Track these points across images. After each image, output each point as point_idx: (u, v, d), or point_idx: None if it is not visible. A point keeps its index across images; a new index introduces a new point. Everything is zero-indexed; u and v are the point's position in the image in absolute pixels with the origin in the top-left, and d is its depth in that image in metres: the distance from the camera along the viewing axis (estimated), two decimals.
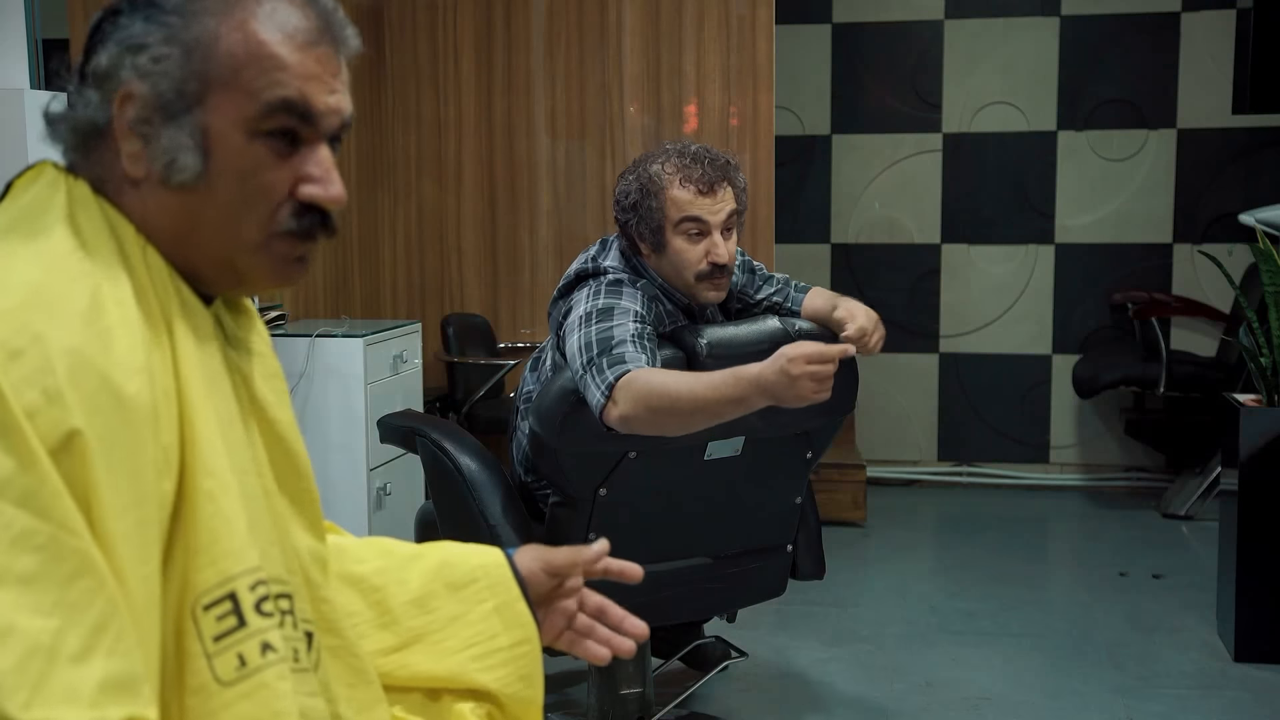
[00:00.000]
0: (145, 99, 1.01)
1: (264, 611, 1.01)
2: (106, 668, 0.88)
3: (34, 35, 3.09)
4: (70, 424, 0.90)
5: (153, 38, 1.01)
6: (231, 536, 1.00)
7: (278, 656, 1.00)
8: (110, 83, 1.01)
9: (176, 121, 1.01)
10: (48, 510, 0.88)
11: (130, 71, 1.01)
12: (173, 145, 1.01)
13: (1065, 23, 5.46)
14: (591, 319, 2.37)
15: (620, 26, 4.82)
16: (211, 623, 0.98)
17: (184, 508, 0.99)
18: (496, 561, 1.31)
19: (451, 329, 4.77)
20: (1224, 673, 3.38)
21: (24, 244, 0.98)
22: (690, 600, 2.64)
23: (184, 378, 1.01)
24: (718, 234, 2.46)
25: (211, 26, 1.02)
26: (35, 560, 0.87)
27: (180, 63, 1.01)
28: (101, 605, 0.89)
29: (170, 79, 1.01)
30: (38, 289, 0.94)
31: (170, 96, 1.01)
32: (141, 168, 1.02)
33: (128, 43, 1.01)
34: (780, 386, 2.09)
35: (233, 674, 0.98)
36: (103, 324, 0.95)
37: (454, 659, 1.28)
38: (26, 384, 0.89)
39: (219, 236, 1.04)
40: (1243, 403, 3.53)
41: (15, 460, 0.88)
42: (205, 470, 0.99)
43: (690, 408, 2.19)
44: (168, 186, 1.02)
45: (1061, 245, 5.53)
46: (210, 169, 1.02)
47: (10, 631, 0.84)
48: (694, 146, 2.51)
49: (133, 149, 1.02)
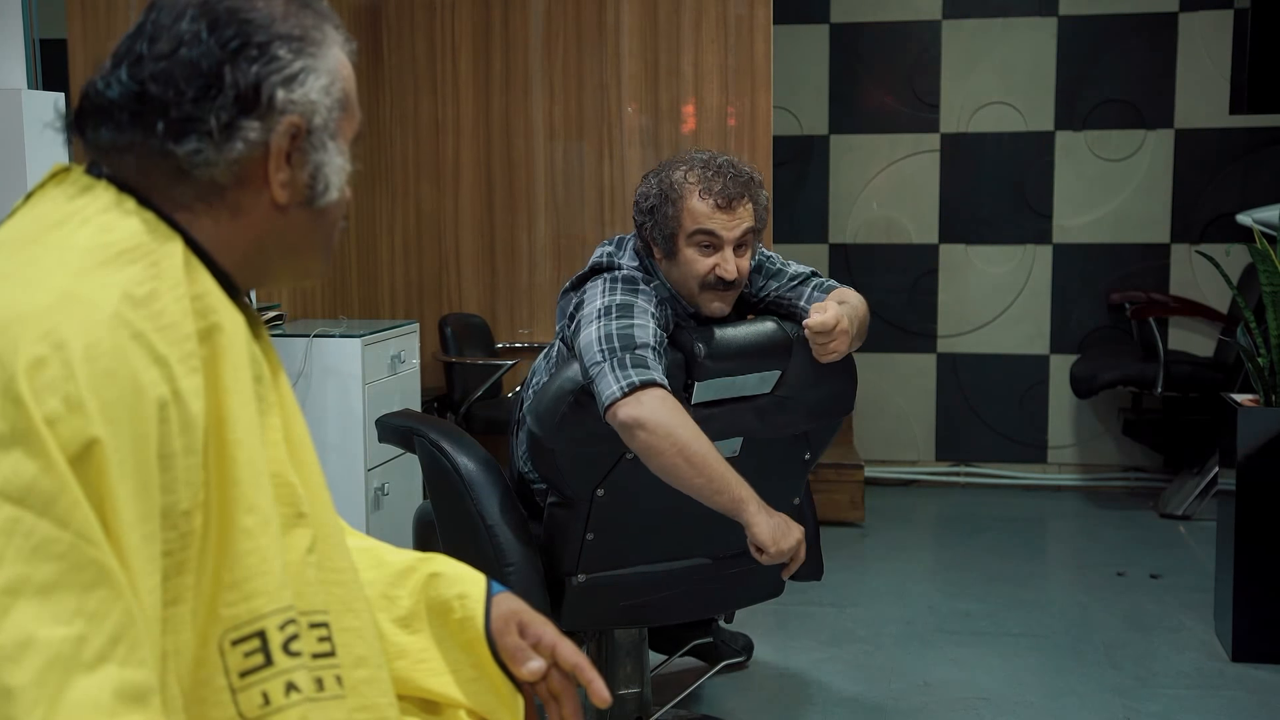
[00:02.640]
0: (309, 127, 1.07)
1: (291, 651, 1.02)
2: (123, 677, 0.88)
3: (32, 35, 3.09)
4: (90, 433, 0.90)
5: (318, 68, 1.07)
6: (266, 576, 1.01)
7: (301, 697, 1.02)
8: (280, 114, 1.05)
9: (334, 145, 1.09)
10: (67, 519, 0.88)
11: (305, 103, 1.06)
12: (329, 168, 1.09)
13: (1063, 23, 5.46)
14: (611, 313, 2.34)
15: (618, 26, 4.82)
16: (239, 658, 1.00)
17: (220, 541, 0.99)
18: (475, 595, 1.31)
19: (449, 329, 4.77)
20: (1222, 672, 3.38)
21: (53, 248, 0.98)
22: (689, 601, 2.64)
23: (226, 403, 1.01)
24: (729, 250, 2.43)
25: (335, 55, 1.10)
26: (55, 569, 0.87)
27: (327, 90, 1.08)
28: (119, 615, 0.89)
29: (328, 106, 1.08)
30: (65, 293, 0.94)
31: (324, 123, 1.08)
32: (288, 194, 1.07)
33: (284, 73, 1.05)
34: (767, 532, 2.24)
35: (256, 711, 1.00)
36: (127, 333, 0.94)
37: (438, 679, 1.30)
38: (48, 391, 0.89)
39: (323, 246, 1.14)
40: (1240, 403, 3.53)
41: (36, 467, 0.87)
42: (246, 506, 1.00)
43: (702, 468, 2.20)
44: (312, 207, 1.09)
45: (1059, 245, 5.54)
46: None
47: (29, 644, 0.84)
48: (720, 158, 2.47)
49: (284, 177, 1.07)
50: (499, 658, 1.29)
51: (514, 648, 1.29)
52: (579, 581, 2.50)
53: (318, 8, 1.10)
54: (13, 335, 0.90)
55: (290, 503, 1.08)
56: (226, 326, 1.03)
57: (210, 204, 1.06)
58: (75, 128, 1.06)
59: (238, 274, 1.08)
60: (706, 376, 2.41)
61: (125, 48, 1.06)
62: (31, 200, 1.05)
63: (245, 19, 1.04)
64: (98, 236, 0.99)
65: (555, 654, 1.30)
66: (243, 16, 1.05)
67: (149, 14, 1.06)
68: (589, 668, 1.29)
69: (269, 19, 1.05)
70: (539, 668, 1.28)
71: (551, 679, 1.30)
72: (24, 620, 0.85)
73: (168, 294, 0.99)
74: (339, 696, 1.07)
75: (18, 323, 0.91)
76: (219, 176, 1.05)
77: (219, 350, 1.02)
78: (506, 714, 1.30)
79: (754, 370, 2.46)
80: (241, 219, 1.07)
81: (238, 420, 1.01)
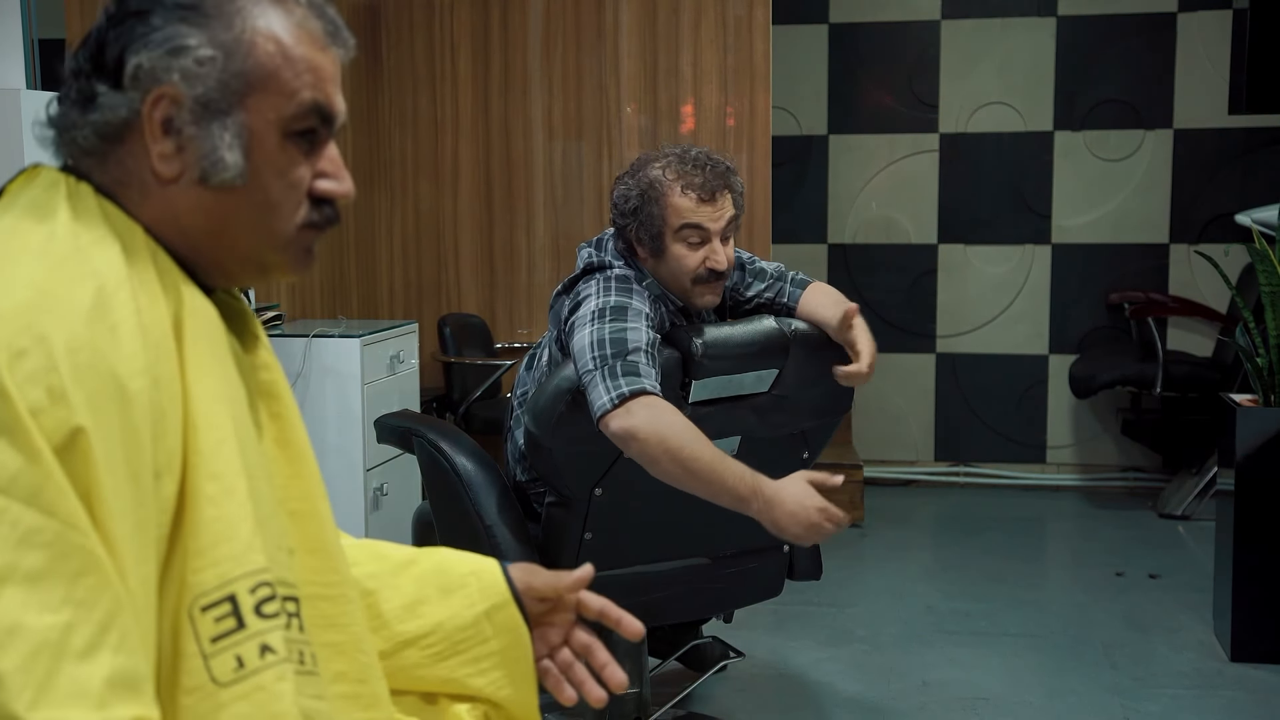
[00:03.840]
0: (184, 100, 1.03)
1: (264, 614, 1.00)
2: (113, 665, 0.87)
3: (30, 35, 3.09)
4: (74, 422, 0.90)
5: (194, 39, 1.03)
6: (233, 540, 0.99)
7: (277, 658, 0.99)
8: (147, 84, 1.02)
9: (219, 122, 1.04)
10: (54, 507, 0.88)
11: (173, 73, 1.02)
12: (215, 145, 1.04)
13: (1062, 23, 5.46)
14: (604, 316, 2.34)
15: (617, 26, 4.82)
16: (209, 624, 0.98)
17: (185, 511, 0.99)
18: (489, 568, 1.32)
19: (448, 329, 4.77)
20: (1220, 672, 3.38)
21: (26, 245, 0.98)
22: (687, 601, 2.64)
23: (191, 380, 1.01)
24: (717, 241, 2.44)
25: (249, 28, 1.04)
26: (42, 557, 0.87)
27: (223, 64, 1.03)
28: (107, 603, 0.89)
29: (213, 80, 1.03)
30: (41, 289, 0.94)
31: (213, 97, 1.03)
32: (174, 168, 1.04)
33: (168, 44, 1.02)
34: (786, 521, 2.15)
35: (230, 675, 0.97)
36: (106, 324, 0.95)
37: (445, 664, 1.28)
38: (31, 382, 0.89)
39: (254, 232, 1.08)
40: (1239, 403, 3.53)
41: (21, 457, 0.87)
42: (209, 474, 0.99)
43: (699, 471, 2.18)
44: (206, 186, 1.05)
45: (1058, 245, 5.54)
46: (250, 168, 1.05)
47: (17, 630, 0.84)
48: (694, 150, 2.48)
49: (164, 149, 1.04)
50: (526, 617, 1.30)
51: (546, 578, 1.31)
52: None
53: None
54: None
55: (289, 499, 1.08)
56: (186, 300, 1.03)
57: (126, 183, 1.05)
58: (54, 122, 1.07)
59: (190, 258, 1.07)
60: (704, 375, 2.41)
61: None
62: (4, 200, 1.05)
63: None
64: (67, 228, 1.00)
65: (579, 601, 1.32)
66: None
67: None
68: (615, 607, 1.31)
69: None
70: (588, 571, 1.31)
71: (575, 634, 1.33)
72: (11, 608, 0.85)
73: (139, 280, 1.00)
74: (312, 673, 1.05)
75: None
76: (83, 141, 1.04)
77: (181, 324, 1.02)
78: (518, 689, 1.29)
79: (752, 369, 2.46)
80: (155, 197, 1.05)
81: (201, 390, 1.01)
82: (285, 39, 1.05)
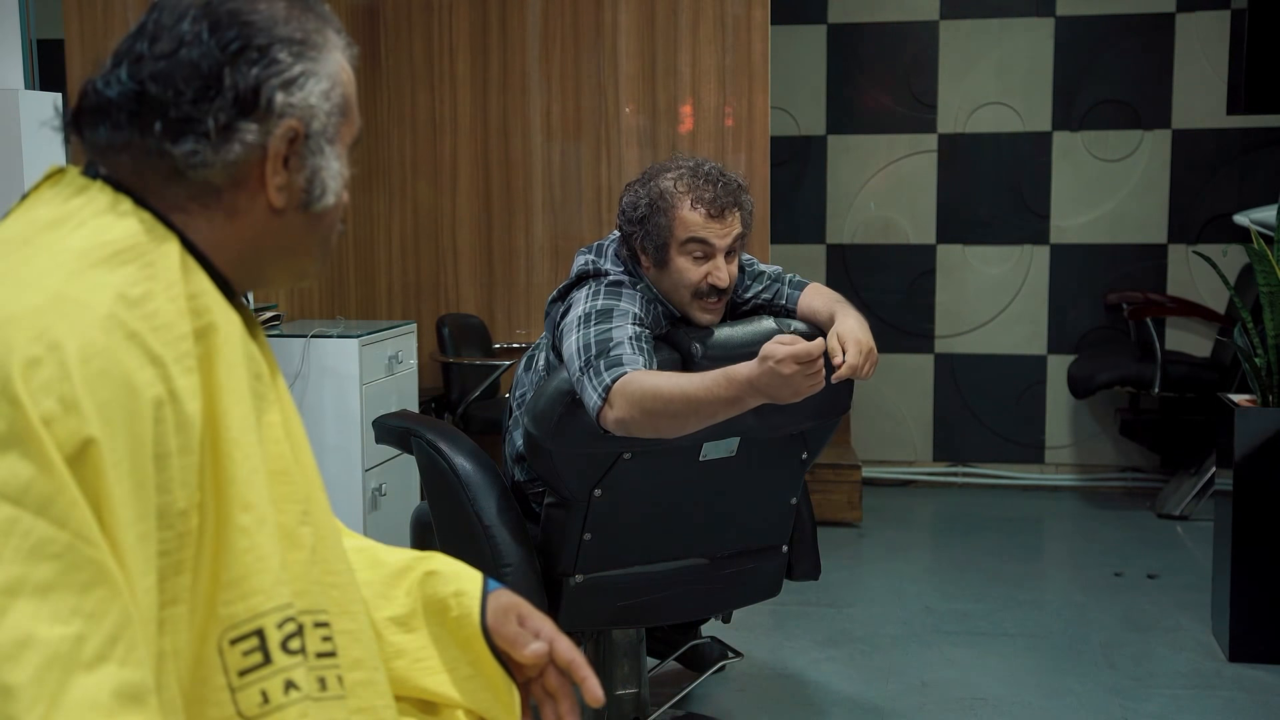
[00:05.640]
0: (307, 131, 1.07)
1: (290, 649, 1.02)
2: (120, 677, 0.88)
3: (29, 36, 3.09)
4: (86, 432, 0.90)
5: (317, 73, 1.07)
6: (263, 573, 1.01)
7: (300, 695, 1.02)
8: (281, 118, 1.05)
9: (331, 150, 1.09)
10: (65, 519, 0.88)
11: (305, 108, 1.06)
12: (325, 173, 1.09)
13: (1060, 23, 5.46)
14: (590, 320, 2.36)
15: (615, 26, 4.82)
16: (237, 657, 1.00)
17: (216, 539, 0.99)
18: (471, 592, 1.31)
19: (447, 329, 4.77)
20: (1219, 673, 3.38)
21: (47, 250, 0.98)
22: (686, 601, 2.64)
23: (224, 407, 1.01)
24: (721, 257, 2.44)
25: (334, 60, 1.09)
26: (53, 568, 0.87)
27: (333, 96, 1.08)
28: (116, 615, 0.89)
29: (325, 111, 1.08)
30: (57, 294, 0.93)
31: (327, 126, 1.08)
32: (284, 198, 1.07)
33: (301, 79, 1.06)
34: (774, 386, 2.08)
35: (255, 710, 1.00)
36: (122, 333, 0.94)
37: (435, 678, 1.30)
38: (44, 391, 0.89)
39: (320, 245, 1.13)
40: (1237, 403, 3.53)
41: (33, 468, 0.87)
42: (242, 504, 1.00)
43: (684, 409, 2.18)
44: (307, 211, 1.09)
45: (1057, 246, 5.54)
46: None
47: (28, 642, 0.84)
48: (707, 165, 2.48)
49: (281, 181, 1.07)
50: (497, 651, 1.28)
51: (513, 635, 1.28)
52: (576, 582, 2.50)
53: (320, 11, 1.10)
54: (7, 336, 0.90)
55: (297, 500, 1.08)
56: (222, 326, 1.03)
57: (206, 205, 1.05)
58: (73, 127, 1.06)
59: (233, 275, 1.08)
60: None
61: (126, 47, 1.05)
62: (27, 201, 1.04)
63: (247, 21, 1.04)
64: (93, 237, 0.99)
65: (552, 650, 1.28)
66: (244, 19, 1.04)
67: (151, 14, 1.06)
68: (584, 665, 1.28)
69: (271, 21, 1.05)
70: (540, 649, 1.26)
71: (548, 676, 1.30)
72: (22, 619, 0.85)
73: (162, 294, 0.99)
74: (340, 696, 1.07)
75: (11, 324, 0.91)
76: (214, 178, 1.04)
77: (214, 349, 1.02)
78: (503, 712, 1.30)
79: None
80: (237, 221, 1.06)
81: (233, 418, 1.01)
82: (348, 68, 1.12)
